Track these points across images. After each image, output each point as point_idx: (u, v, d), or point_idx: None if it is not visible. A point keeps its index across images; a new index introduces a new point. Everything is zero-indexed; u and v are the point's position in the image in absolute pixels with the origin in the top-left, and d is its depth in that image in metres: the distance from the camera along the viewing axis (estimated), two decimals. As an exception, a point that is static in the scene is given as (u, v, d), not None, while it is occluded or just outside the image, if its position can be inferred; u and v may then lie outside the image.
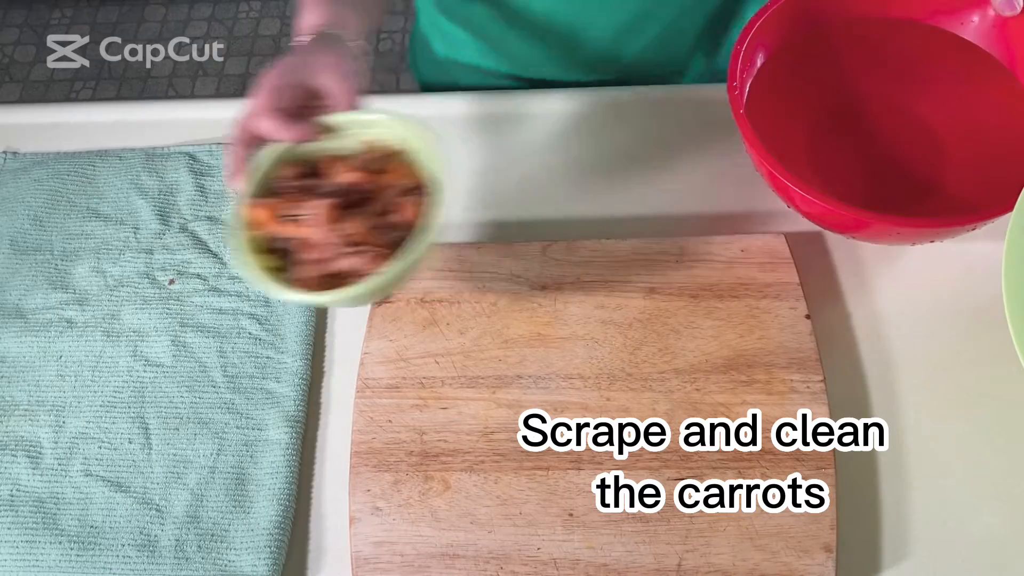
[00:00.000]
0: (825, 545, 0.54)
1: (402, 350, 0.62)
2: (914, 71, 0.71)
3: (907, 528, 0.57)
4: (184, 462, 0.62)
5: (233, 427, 0.63)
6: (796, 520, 0.54)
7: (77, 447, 0.63)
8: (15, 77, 1.85)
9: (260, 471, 0.61)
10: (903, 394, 0.62)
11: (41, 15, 1.93)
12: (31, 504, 0.60)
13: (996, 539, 0.56)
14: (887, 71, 0.71)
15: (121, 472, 0.61)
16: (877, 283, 0.67)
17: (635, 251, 0.65)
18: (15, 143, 0.80)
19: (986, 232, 0.65)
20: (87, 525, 0.59)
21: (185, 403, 0.64)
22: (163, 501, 0.60)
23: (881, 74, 0.71)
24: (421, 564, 0.55)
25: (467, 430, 0.59)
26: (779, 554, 0.53)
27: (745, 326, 0.61)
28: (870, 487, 0.58)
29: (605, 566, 0.54)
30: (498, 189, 0.73)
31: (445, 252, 0.67)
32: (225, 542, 0.58)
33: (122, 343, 0.67)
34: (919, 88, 0.71)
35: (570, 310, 0.63)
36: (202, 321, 0.67)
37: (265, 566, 0.57)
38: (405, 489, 0.57)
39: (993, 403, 0.61)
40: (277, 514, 0.59)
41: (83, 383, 0.65)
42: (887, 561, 0.56)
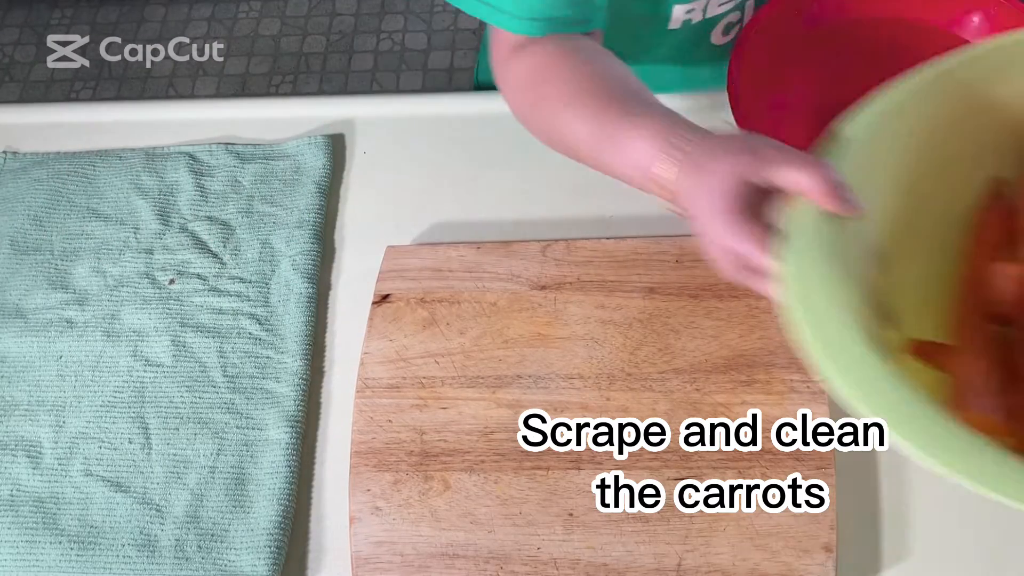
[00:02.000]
0: (825, 545, 0.54)
1: (402, 350, 0.62)
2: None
3: (907, 528, 0.57)
4: (184, 462, 0.62)
5: (233, 427, 0.63)
6: (796, 520, 0.54)
7: (77, 447, 0.63)
8: (15, 77, 1.85)
9: (260, 471, 0.61)
10: (903, 394, 0.62)
11: (41, 15, 1.93)
12: (31, 504, 0.60)
13: (996, 539, 0.56)
14: (887, 72, 0.71)
15: (121, 472, 0.61)
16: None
17: (635, 251, 0.65)
18: (15, 143, 0.80)
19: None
20: (87, 525, 0.59)
21: (185, 403, 0.64)
22: (163, 501, 0.60)
23: (881, 75, 0.71)
24: (421, 564, 0.56)
25: (467, 430, 0.59)
26: (779, 554, 0.53)
27: (745, 326, 0.61)
28: (870, 487, 0.58)
29: (605, 566, 0.54)
30: (498, 188, 0.73)
31: (447, 252, 0.66)
32: (225, 542, 0.58)
33: (122, 343, 0.67)
34: None
35: (570, 310, 0.63)
36: (202, 321, 0.67)
37: (265, 566, 0.57)
38: (405, 489, 0.57)
39: (993, 403, 0.61)
40: (277, 514, 0.59)
41: (83, 383, 0.65)
42: (887, 561, 0.56)
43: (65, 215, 0.74)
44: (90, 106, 0.86)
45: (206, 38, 1.87)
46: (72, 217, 0.74)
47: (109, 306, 0.69)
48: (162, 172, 0.76)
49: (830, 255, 0.43)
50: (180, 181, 0.75)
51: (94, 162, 0.77)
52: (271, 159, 0.76)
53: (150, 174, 0.76)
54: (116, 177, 0.76)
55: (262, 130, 0.78)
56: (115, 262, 0.71)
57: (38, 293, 0.70)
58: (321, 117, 0.79)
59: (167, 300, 0.69)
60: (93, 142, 0.79)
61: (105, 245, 0.72)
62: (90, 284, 0.70)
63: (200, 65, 1.82)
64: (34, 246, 0.73)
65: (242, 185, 0.74)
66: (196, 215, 0.73)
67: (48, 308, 0.69)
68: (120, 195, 0.75)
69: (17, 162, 0.78)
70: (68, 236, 0.73)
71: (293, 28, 1.87)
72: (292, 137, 0.77)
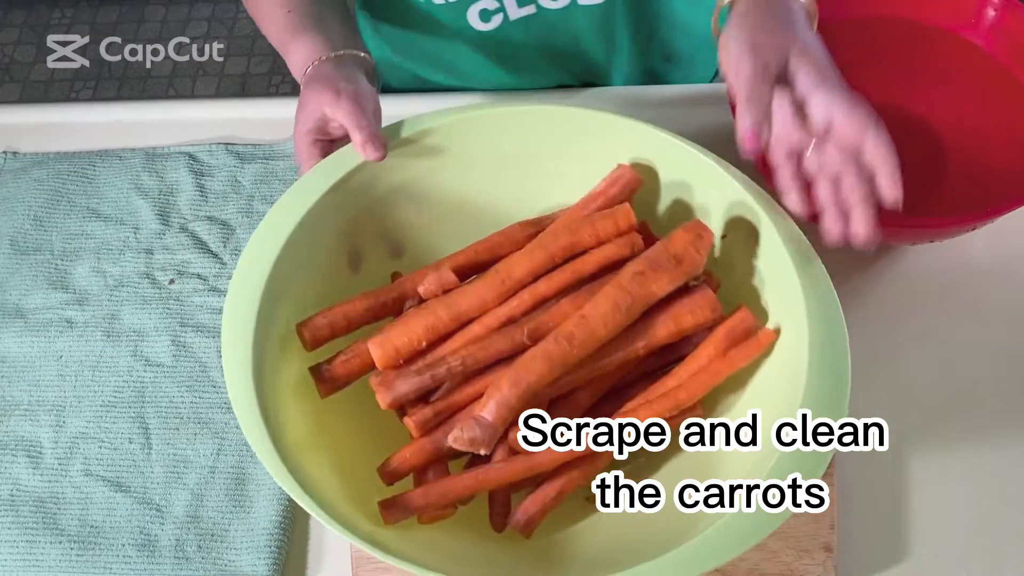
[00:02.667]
0: (825, 545, 0.54)
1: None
2: (914, 71, 0.71)
3: (907, 528, 0.57)
4: (184, 462, 0.62)
5: (233, 427, 0.63)
6: (796, 520, 0.54)
7: (77, 447, 0.63)
8: (15, 77, 1.85)
9: (260, 471, 0.61)
10: (903, 394, 0.62)
11: (41, 15, 1.93)
12: (31, 504, 0.60)
13: (996, 539, 0.56)
14: (886, 71, 0.71)
15: (121, 472, 0.61)
16: (876, 283, 0.67)
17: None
18: (15, 143, 0.80)
19: (986, 232, 0.66)
20: (87, 525, 0.59)
21: (185, 403, 0.64)
22: (163, 501, 0.60)
23: (880, 74, 0.71)
24: (421, 564, 0.55)
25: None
26: (779, 554, 0.53)
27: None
28: (870, 487, 0.58)
29: (605, 566, 0.54)
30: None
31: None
32: (225, 542, 0.58)
33: (122, 343, 0.67)
34: (919, 88, 0.71)
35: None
36: (202, 321, 0.67)
37: (265, 566, 0.57)
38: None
39: (993, 403, 0.61)
40: (277, 514, 0.59)
41: (83, 383, 0.65)
42: (887, 561, 0.56)
43: (65, 215, 0.74)
44: (90, 106, 0.86)
45: (206, 38, 1.88)
46: (72, 217, 0.74)
47: (109, 306, 0.69)
48: (162, 172, 0.76)
49: None
50: (180, 181, 0.75)
51: (94, 162, 0.77)
52: (271, 159, 0.76)
53: (150, 174, 0.76)
54: (116, 177, 0.76)
55: (262, 130, 0.78)
56: (115, 262, 0.71)
57: (38, 293, 0.70)
58: (321, 117, 0.79)
59: (167, 300, 0.69)
60: (93, 142, 0.79)
61: (105, 245, 0.72)
62: (90, 284, 0.70)
63: (200, 65, 1.82)
64: (34, 246, 0.73)
65: (242, 185, 0.74)
66: (196, 215, 0.73)
67: (48, 308, 0.69)
68: (120, 195, 0.75)
69: (17, 162, 0.78)
70: (68, 236, 0.73)
71: (293, 28, 1.87)
72: (292, 137, 0.77)
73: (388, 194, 0.59)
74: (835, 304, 0.50)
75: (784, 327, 0.51)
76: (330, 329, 0.53)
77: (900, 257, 0.68)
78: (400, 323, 0.52)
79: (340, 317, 0.53)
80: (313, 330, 0.53)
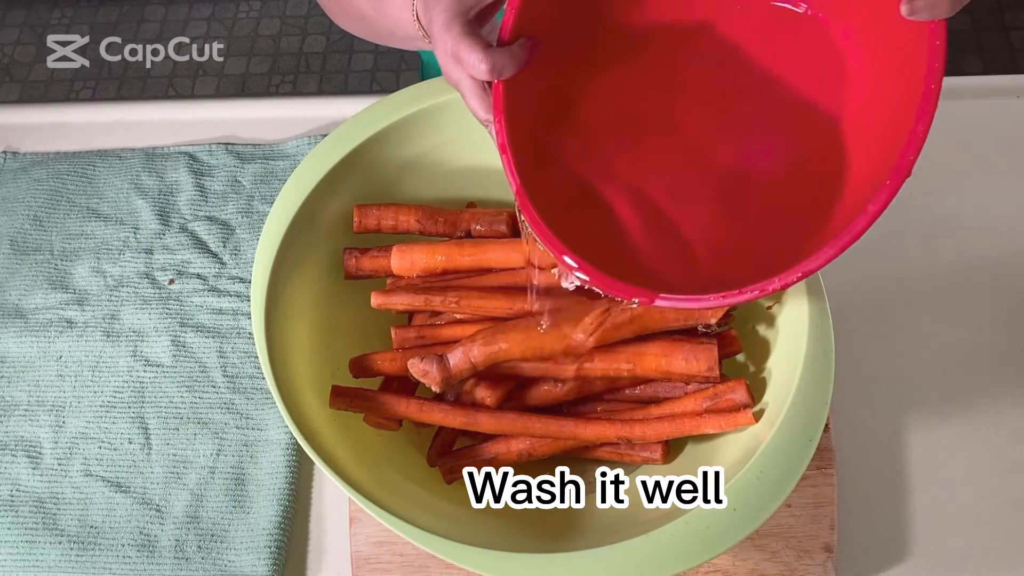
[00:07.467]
0: (825, 545, 0.54)
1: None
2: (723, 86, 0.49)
3: (907, 528, 0.57)
4: (184, 462, 0.62)
5: (233, 427, 0.63)
6: (796, 520, 0.54)
7: (77, 447, 0.63)
8: (15, 77, 1.85)
9: (260, 471, 0.61)
10: (903, 394, 0.62)
11: (41, 15, 1.93)
12: (31, 504, 0.60)
13: (996, 539, 0.56)
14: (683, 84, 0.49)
15: (121, 472, 0.61)
16: (874, 282, 0.67)
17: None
18: (15, 143, 0.80)
19: (986, 232, 0.65)
20: (87, 525, 0.59)
21: (185, 403, 0.64)
22: (163, 501, 0.60)
23: (672, 88, 0.49)
24: (421, 564, 0.55)
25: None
26: (779, 554, 0.53)
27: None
28: (870, 487, 0.58)
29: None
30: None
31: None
32: (225, 542, 0.58)
33: (122, 343, 0.67)
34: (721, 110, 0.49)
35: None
36: (202, 321, 0.67)
37: (265, 566, 0.57)
38: (405, 489, 0.57)
39: (993, 403, 0.61)
40: (277, 514, 0.59)
41: (83, 383, 0.65)
42: (887, 561, 0.56)
43: (65, 215, 0.74)
44: (90, 106, 0.86)
45: (206, 38, 1.87)
46: (72, 217, 0.74)
47: (109, 306, 0.69)
48: (162, 172, 0.76)
49: None
50: (180, 181, 0.75)
51: (94, 162, 0.77)
52: (271, 159, 0.76)
53: (150, 174, 0.76)
54: (116, 177, 0.76)
55: (262, 130, 0.78)
56: (115, 262, 0.71)
57: (38, 293, 0.70)
58: (321, 117, 0.79)
59: (167, 300, 0.69)
60: (93, 142, 0.79)
61: (105, 245, 0.72)
62: (90, 284, 0.70)
63: (200, 65, 1.82)
64: (34, 246, 0.73)
65: (242, 185, 0.74)
66: (196, 215, 0.73)
67: (48, 308, 0.69)
68: (120, 195, 0.75)
69: (17, 162, 0.78)
70: (68, 236, 0.73)
71: (293, 28, 1.87)
72: (292, 137, 0.77)
73: (397, 169, 0.58)
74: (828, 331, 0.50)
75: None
76: (377, 220, 0.55)
77: (900, 257, 0.68)
78: (429, 243, 0.54)
79: (391, 215, 0.56)
80: (363, 214, 0.55)
